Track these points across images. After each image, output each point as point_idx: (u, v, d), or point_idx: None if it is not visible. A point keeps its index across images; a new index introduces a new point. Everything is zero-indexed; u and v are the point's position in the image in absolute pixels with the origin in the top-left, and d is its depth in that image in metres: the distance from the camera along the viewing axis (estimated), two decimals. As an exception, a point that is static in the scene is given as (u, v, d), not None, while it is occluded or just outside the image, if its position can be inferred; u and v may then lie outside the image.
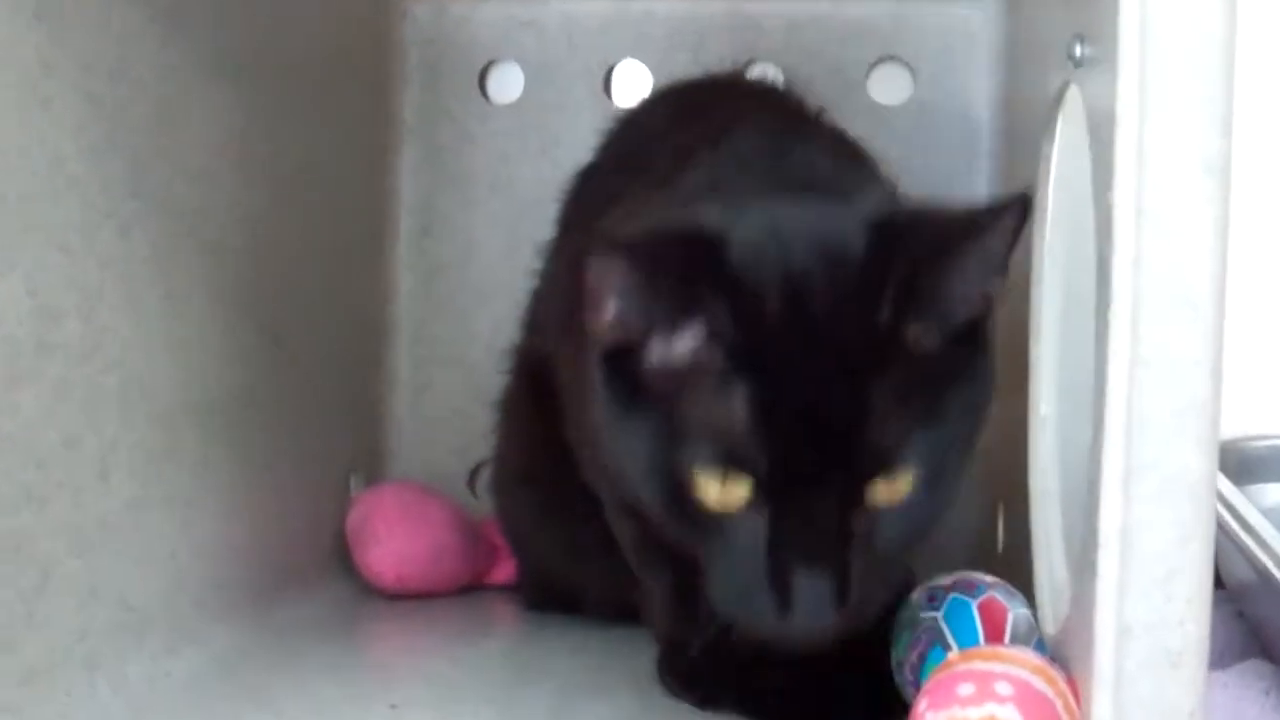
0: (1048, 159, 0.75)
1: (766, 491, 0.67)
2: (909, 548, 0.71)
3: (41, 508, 0.76)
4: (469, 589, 1.14)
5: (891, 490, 0.68)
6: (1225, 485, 1.04)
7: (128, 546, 0.84)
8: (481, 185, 1.25)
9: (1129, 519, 0.50)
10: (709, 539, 0.69)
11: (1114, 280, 0.49)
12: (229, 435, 0.96)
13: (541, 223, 1.06)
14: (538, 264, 1.05)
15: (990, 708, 0.63)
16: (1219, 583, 1.12)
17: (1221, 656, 0.95)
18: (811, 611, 0.67)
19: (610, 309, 0.69)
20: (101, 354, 0.81)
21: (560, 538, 1.02)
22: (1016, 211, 0.67)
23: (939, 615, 0.78)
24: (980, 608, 0.78)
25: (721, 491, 0.67)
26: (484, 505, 1.22)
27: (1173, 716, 0.50)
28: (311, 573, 1.09)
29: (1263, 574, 0.89)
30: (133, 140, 0.85)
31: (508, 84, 1.25)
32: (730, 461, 0.67)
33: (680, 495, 0.69)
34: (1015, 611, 0.77)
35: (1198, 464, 0.50)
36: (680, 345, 0.69)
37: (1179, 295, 0.49)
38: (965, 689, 0.64)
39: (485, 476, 1.24)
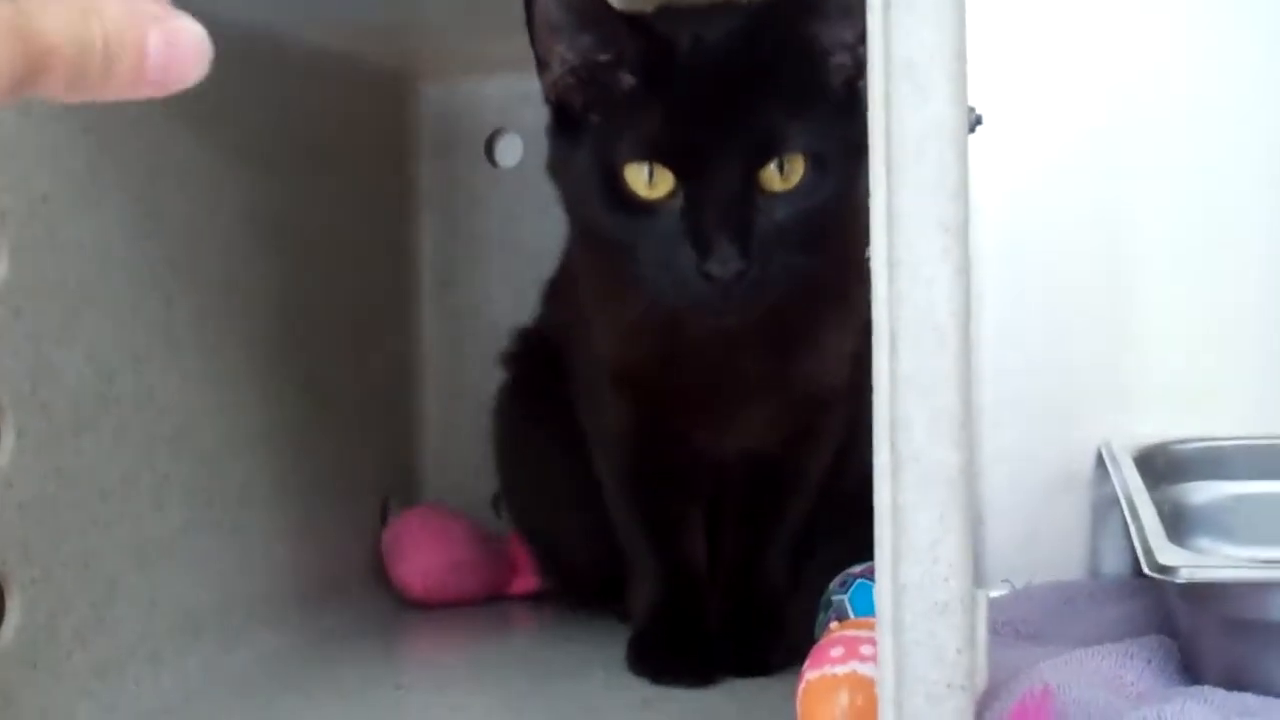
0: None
1: (683, 178, 0.86)
2: (804, 230, 0.87)
3: (106, 531, 0.93)
4: (492, 599, 1.29)
5: (785, 180, 0.86)
6: (1135, 484, 1.13)
7: (184, 564, 1.01)
8: (492, 242, 1.41)
9: (899, 501, 0.63)
10: (642, 227, 0.88)
11: (878, 314, 0.63)
12: (269, 469, 1.13)
13: (543, 274, 1.22)
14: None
15: (853, 664, 0.77)
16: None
17: (1123, 634, 1.03)
18: (724, 256, 0.84)
19: (552, 47, 0.89)
20: (152, 404, 0.98)
21: (572, 529, 1.18)
22: None
23: (846, 597, 0.93)
24: (881, 589, 0.92)
25: (649, 185, 0.87)
26: (506, 523, 1.38)
27: (943, 653, 0.63)
28: (351, 586, 1.25)
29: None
30: (170, 225, 1.02)
31: (511, 151, 1.42)
32: (651, 152, 0.86)
33: (616, 191, 0.88)
34: (912, 591, 0.91)
35: (951, 457, 0.63)
36: (609, 66, 0.88)
37: (928, 326, 0.63)
38: (836, 651, 0.79)
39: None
